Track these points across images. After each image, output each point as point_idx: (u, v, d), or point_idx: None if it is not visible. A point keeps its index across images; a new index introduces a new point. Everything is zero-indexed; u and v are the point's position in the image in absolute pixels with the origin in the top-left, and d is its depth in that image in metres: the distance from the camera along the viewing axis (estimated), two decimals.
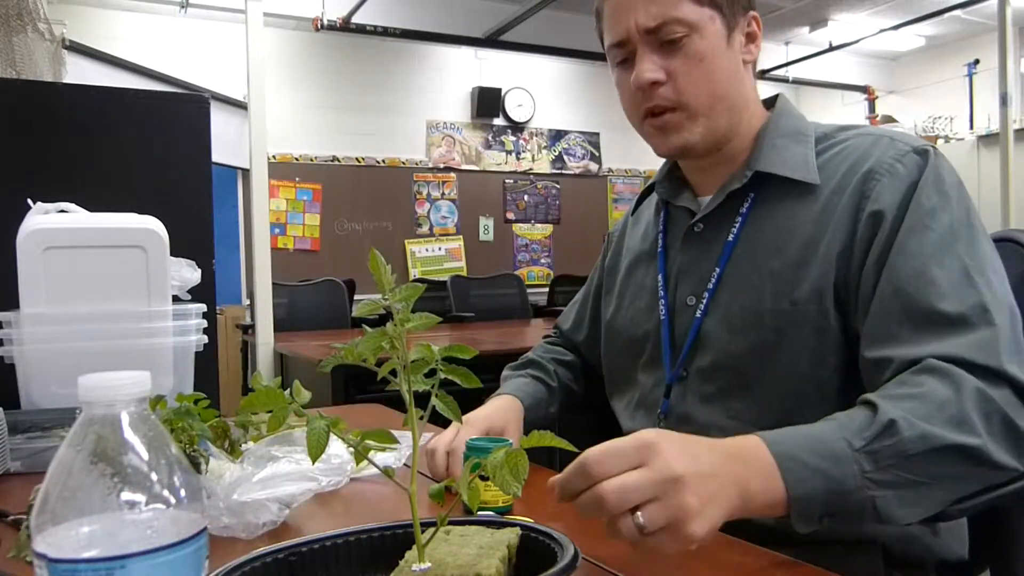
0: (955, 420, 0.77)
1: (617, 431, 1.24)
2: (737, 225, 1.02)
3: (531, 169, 7.24)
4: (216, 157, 2.02)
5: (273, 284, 3.81)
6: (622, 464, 0.66)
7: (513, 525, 0.68)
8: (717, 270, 1.03)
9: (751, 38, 1.05)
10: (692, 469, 0.67)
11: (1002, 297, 0.86)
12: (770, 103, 1.10)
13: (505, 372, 1.31)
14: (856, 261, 0.93)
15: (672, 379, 1.06)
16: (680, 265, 1.09)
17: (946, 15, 6.42)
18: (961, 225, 0.90)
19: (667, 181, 1.15)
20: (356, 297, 5.25)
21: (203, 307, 1.45)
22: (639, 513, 0.65)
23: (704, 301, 1.03)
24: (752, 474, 0.72)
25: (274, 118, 5.09)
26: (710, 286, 1.03)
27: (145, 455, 0.48)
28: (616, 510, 0.65)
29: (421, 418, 0.64)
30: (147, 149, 1.88)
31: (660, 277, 1.11)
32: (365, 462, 0.65)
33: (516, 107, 7.11)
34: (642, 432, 0.70)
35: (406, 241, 6.69)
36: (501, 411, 1.15)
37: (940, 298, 0.85)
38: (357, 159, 6.48)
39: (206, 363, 1.49)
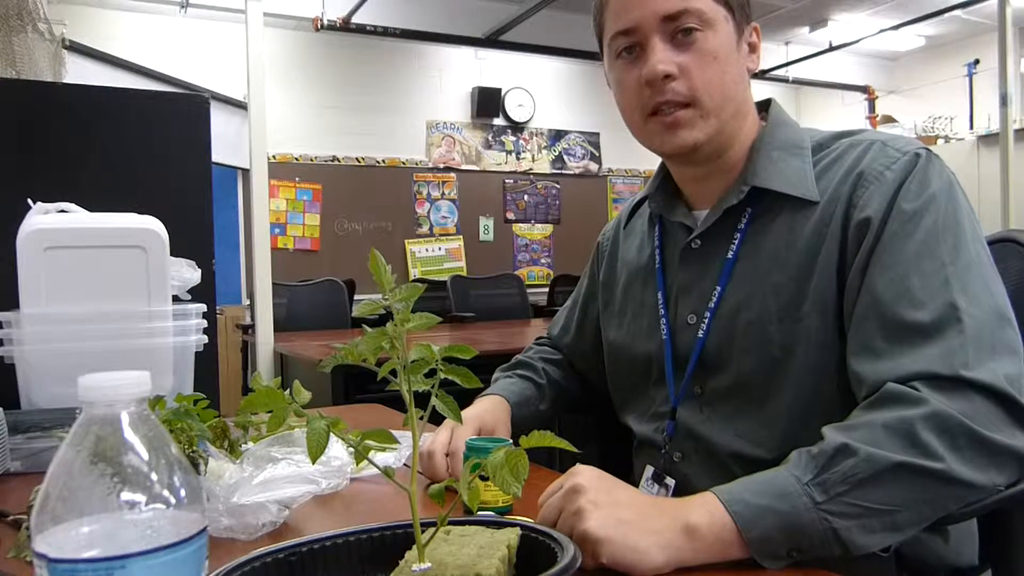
0: (907, 442, 0.76)
1: (619, 431, 1.24)
2: (736, 242, 1.00)
3: (531, 169, 7.24)
4: (216, 157, 2.02)
5: (273, 284, 3.81)
6: (553, 490, 0.79)
7: (513, 525, 0.68)
8: (718, 288, 1.01)
9: (752, 48, 1.04)
10: (596, 484, 0.76)
11: (981, 297, 0.84)
12: (761, 107, 1.08)
13: (496, 374, 1.31)
14: (847, 272, 0.91)
15: (677, 401, 1.05)
16: (679, 283, 1.07)
17: (946, 15, 6.41)
18: (946, 227, 0.88)
19: (659, 194, 1.13)
20: (356, 297, 5.25)
21: (203, 307, 1.44)
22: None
23: (706, 320, 1.01)
24: (692, 511, 0.74)
25: (274, 118, 5.10)
26: (711, 305, 1.01)
27: (145, 455, 0.48)
28: (546, 523, 0.74)
29: (421, 418, 0.64)
30: (147, 149, 1.88)
31: (660, 295, 1.10)
32: (365, 462, 0.65)
33: (516, 107, 7.11)
34: (576, 467, 0.79)
35: (406, 241, 6.69)
36: (490, 411, 1.15)
37: (913, 308, 0.84)
38: (357, 159, 6.49)
39: (206, 363, 1.49)
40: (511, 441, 1.01)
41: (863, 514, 0.75)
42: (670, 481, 1.05)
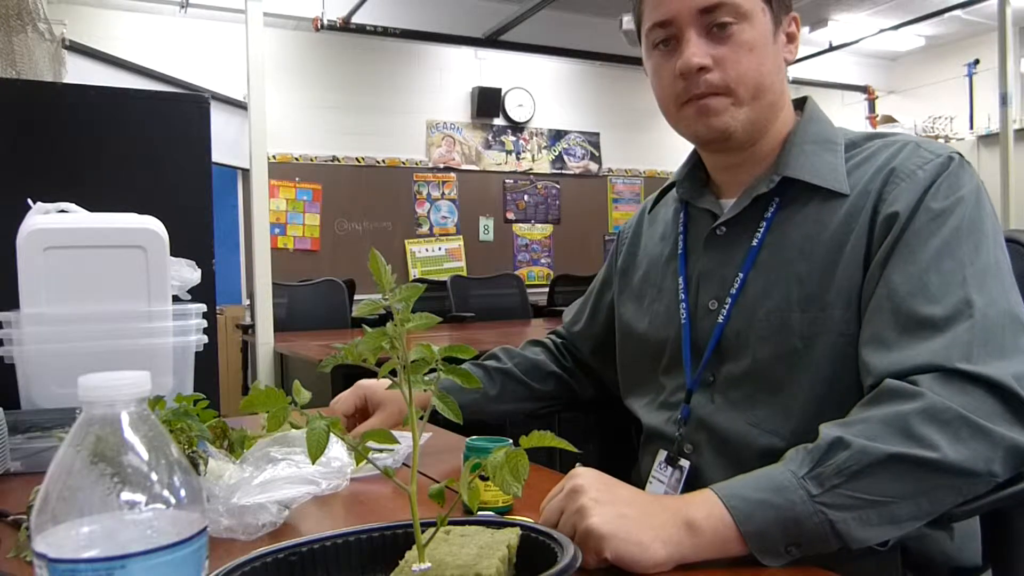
0: (902, 434, 0.76)
1: (620, 430, 1.24)
2: (762, 230, 1.01)
3: (531, 169, 7.24)
4: (216, 157, 2.02)
5: (273, 284, 3.81)
6: (554, 493, 0.79)
7: (513, 525, 0.68)
8: (741, 275, 1.01)
9: (790, 38, 1.04)
10: (596, 483, 0.76)
11: (997, 300, 0.85)
12: (798, 105, 1.09)
13: None
14: (872, 265, 0.92)
15: (693, 385, 1.05)
16: (702, 269, 1.08)
17: (946, 15, 6.42)
18: (970, 230, 0.89)
19: (688, 181, 1.14)
20: (356, 297, 5.25)
21: (203, 307, 1.44)
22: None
23: (727, 306, 1.02)
24: (691, 506, 0.75)
25: (274, 118, 5.10)
26: (733, 291, 1.02)
27: (145, 455, 0.48)
28: (547, 525, 0.73)
29: (421, 418, 0.64)
30: (147, 149, 1.88)
31: (681, 280, 1.10)
32: (365, 462, 0.65)
33: (516, 107, 7.11)
34: (575, 470, 0.80)
35: (406, 241, 6.69)
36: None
37: (928, 302, 0.85)
38: (357, 159, 6.49)
39: (206, 363, 1.49)
40: (511, 441, 1.01)
41: (859, 506, 0.75)
42: (684, 463, 1.05)
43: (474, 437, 1.01)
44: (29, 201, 1.38)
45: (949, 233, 0.88)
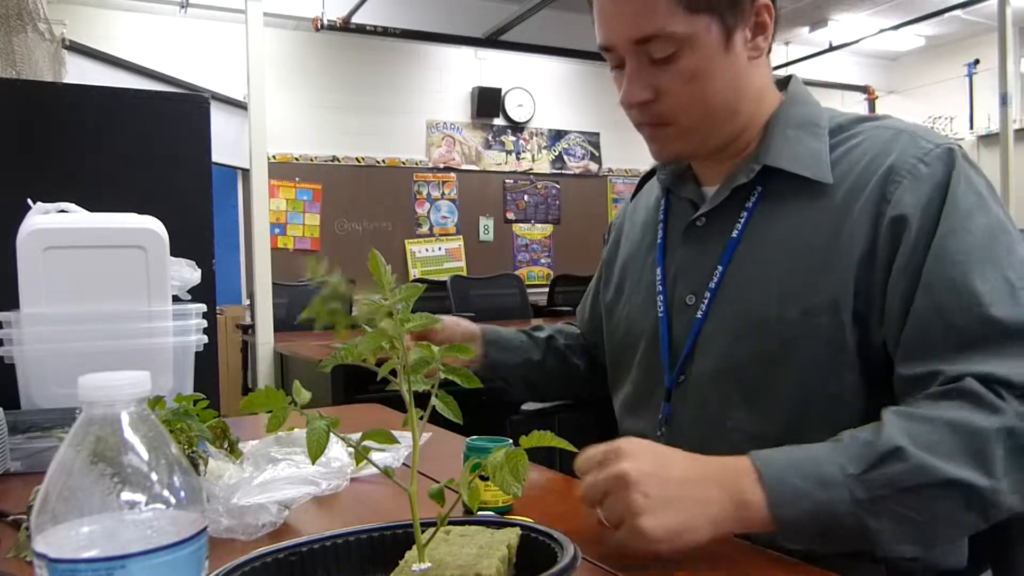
0: (968, 453, 0.73)
1: (618, 431, 1.24)
2: (742, 221, 0.96)
3: (531, 169, 7.24)
4: (216, 157, 2.02)
5: (273, 284, 3.81)
6: (592, 464, 0.75)
7: (513, 525, 0.68)
8: (719, 269, 0.97)
9: (761, 28, 0.94)
10: (644, 469, 0.72)
11: None
12: (783, 84, 1.03)
13: None
14: (880, 271, 0.86)
15: (672, 383, 1.02)
16: (680, 261, 1.04)
17: (946, 15, 6.42)
18: (999, 229, 0.84)
19: (669, 168, 1.09)
20: (356, 297, 5.24)
21: (203, 307, 1.44)
22: (599, 508, 0.73)
23: (705, 302, 0.98)
24: (743, 485, 0.74)
25: (274, 118, 5.10)
26: (711, 286, 0.97)
27: (145, 455, 0.48)
28: (588, 504, 0.72)
29: (421, 418, 0.64)
30: (147, 149, 1.87)
31: (659, 272, 1.06)
32: (365, 462, 0.65)
33: (516, 107, 7.11)
34: (620, 439, 0.76)
35: (406, 241, 6.69)
36: (457, 321, 1.19)
37: (984, 312, 0.80)
38: (357, 159, 6.49)
39: (206, 363, 1.49)
40: (511, 441, 1.01)
41: (900, 520, 0.73)
42: None
43: (474, 437, 1.01)
44: (29, 201, 1.38)
45: (983, 232, 0.84)
